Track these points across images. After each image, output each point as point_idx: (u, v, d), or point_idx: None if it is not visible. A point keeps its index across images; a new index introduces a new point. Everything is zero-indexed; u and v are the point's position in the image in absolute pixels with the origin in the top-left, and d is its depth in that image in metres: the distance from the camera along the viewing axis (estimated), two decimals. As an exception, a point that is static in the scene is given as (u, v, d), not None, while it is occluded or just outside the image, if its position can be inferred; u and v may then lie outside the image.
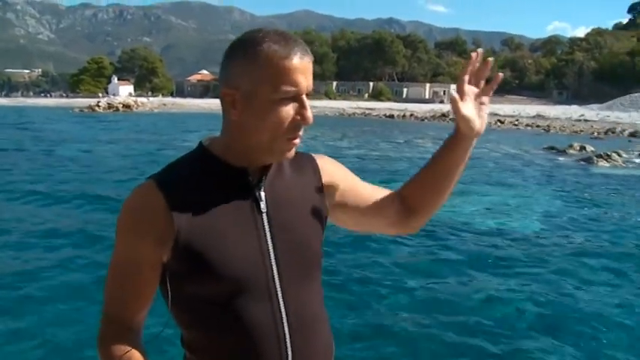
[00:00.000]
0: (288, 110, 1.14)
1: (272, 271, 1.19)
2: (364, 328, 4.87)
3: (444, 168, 1.38)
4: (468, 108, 1.28)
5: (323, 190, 1.33)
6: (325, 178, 1.34)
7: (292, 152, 1.20)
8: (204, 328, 1.20)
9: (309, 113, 1.16)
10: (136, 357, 1.19)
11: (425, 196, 1.42)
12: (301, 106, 1.15)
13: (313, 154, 1.39)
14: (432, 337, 4.75)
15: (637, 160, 20.29)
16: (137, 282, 1.20)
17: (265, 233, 1.20)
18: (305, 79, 1.14)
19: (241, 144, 1.19)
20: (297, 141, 1.18)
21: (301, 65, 1.13)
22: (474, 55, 1.26)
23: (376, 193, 1.43)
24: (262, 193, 1.22)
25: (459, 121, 1.29)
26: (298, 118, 1.15)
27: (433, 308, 5.35)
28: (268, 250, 1.20)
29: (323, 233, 1.33)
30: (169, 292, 1.20)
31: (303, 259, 1.24)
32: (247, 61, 1.13)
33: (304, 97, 1.15)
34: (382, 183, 1.44)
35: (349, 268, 6.52)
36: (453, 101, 1.26)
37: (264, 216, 1.21)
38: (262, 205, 1.21)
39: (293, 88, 1.12)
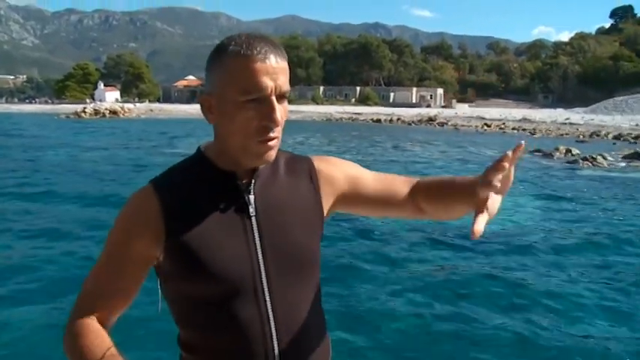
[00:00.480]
0: (254, 112, 1.14)
1: (260, 274, 1.21)
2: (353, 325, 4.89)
3: (450, 200, 1.34)
4: (491, 195, 1.16)
5: (320, 193, 1.34)
6: (323, 181, 1.35)
7: (271, 154, 1.19)
8: (197, 327, 1.23)
9: (277, 114, 1.15)
10: (108, 345, 1.17)
11: (431, 208, 1.40)
12: (268, 108, 1.14)
13: (312, 156, 1.39)
14: (417, 333, 4.78)
15: (621, 164, 20.51)
16: (123, 279, 1.23)
17: (254, 237, 1.22)
18: (270, 80, 1.13)
19: (225, 147, 1.22)
20: (271, 143, 1.17)
21: (264, 66, 1.12)
22: (521, 145, 1.16)
23: (384, 186, 1.40)
24: (251, 197, 1.24)
25: (481, 192, 1.16)
26: (264, 120, 1.15)
27: (418, 307, 5.38)
28: (257, 253, 1.22)
29: (320, 237, 1.33)
30: (165, 292, 1.26)
31: (293, 262, 1.25)
32: (216, 66, 1.17)
33: (272, 98, 1.14)
34: None
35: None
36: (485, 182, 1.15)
37: (253, 220, 1.23)
38: (251, 209, 1.23)
39: (256, 90, 1.13)
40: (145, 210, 1.21)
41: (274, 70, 1.14)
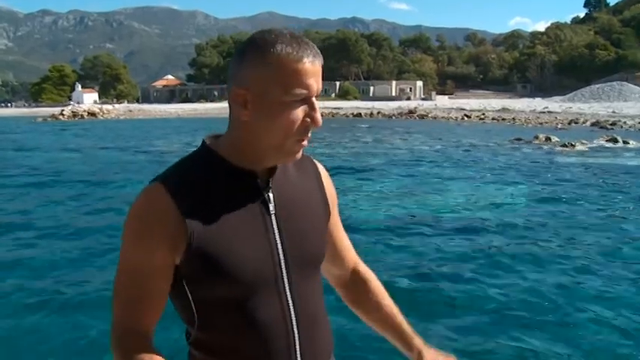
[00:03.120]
0: (299, 112, 1.15)
1: (281, 271, 1.22)
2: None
3: (376, 323, 1.51)
4: None
5: (325, 192, 1.36)
6: (326, 189, 1.38)
7: (300, 153, 1.22)
8: (218, 328, 1.21)
9: (319, 116, 1.17)
10: None
11: (352, 300, 1.53)
12: (311, 109, 1.16)
13: (314, 160, 1.40)
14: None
15: (598, 149, 20.81)
16: (149, 289, 1.18)
17: (275, 234, 1.22)
18: (316, 82, 1.15)
19: (251, 145, 1.19)
20: (305, 142, 1.19)
21: (313, 68, 1.14)
22: None
23: (345, 243, 1.49)
24: (271, 195, 1.23)
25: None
26: (308, 120, 1.16)
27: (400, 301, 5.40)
28: (277, 250, 1.22)
29: (327, 231, 1.36)
30: (179, 294, 1.21)
31: (308, 258, 1.27)
32: (259, 62, 1.13)
33: (314, 99, 1.16)
34: (355, 180, 1.49)
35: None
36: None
37: (273, 217, 1.22)
38: (271, 206, 1.22)
39: (304, 91, 1.13)
40: (160, 211, 1.15)
41: (318, 72, 1.16)
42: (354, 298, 1.51)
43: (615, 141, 22.78)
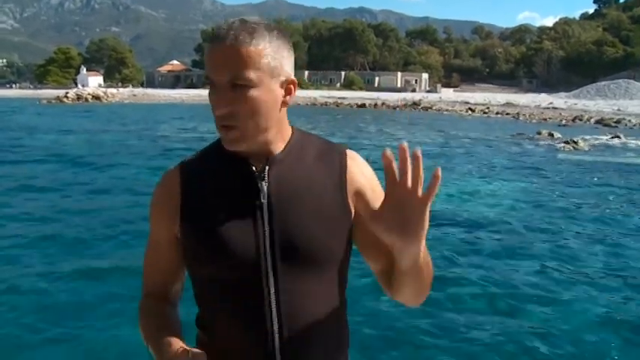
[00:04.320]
0: (210, 97, 1.17)
1: (265, 262, 1.20)
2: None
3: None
4: (387, 217, 1.04)
5: (346, 190, 1.26)
6: (350, 184, 1.27)
7: (231, 141, 1.18)
8: (208, 307, 1.27)
9: (219, 104, 1.14)
10: (166, 326, 1.25)
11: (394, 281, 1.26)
12: (214, 96, 1.15)
13: (348, 150, 1.31)
14: (402, 327, 4.85)
15: (601, 147, 20.78)
16: (160, 258, 1.31)
17: (264, 225, 1.20)
18: (220, 68, 1.13)
19: None
20: (228, 132, 1.16)
21: (215, 55, 1.13)
22: (403, 147, 1.01)
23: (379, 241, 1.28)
24: (264, 184, 1.21)
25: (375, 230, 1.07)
26: (213, 108, 1.16)
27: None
28: (264, 241, 1.20)
29: (342, 233, 1.25)
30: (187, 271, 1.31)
31: (300, 253, 1.20)
32: None
33: (220, 87, 1.13)
34: None
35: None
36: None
37: (264, 207, 1.21)
38: (262, 196, 1.21)
39: (210, 78, 1.15)
40: (166, 191, 1.27)
41: (226, 58, 1.12)
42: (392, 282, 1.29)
43: (618, 139, 22.75)
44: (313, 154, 1.27)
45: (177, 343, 1.16)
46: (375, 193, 1.27)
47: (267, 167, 1.22)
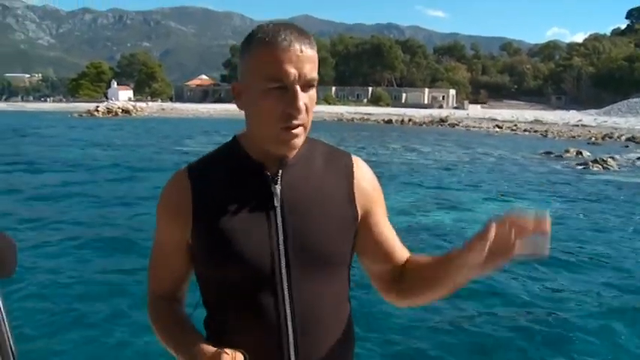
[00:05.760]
0: (277, 100, 1.16)
1: (280, 265, 1.22)
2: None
3: (439, 274, 1.24)
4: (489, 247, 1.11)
5: (354, 193, 1.31)
6: (357, 190, 1.32)
7: (295, 142, 1.20)
8: (220, 311, 1.28)
9: (299, 102, 1.16)
10: (188, 328, 1.28)
11: (416, 283, 1.32)
12: (291, 96, 1.16)
13: (354, 157, 1.37)
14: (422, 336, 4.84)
15: (632, 166, 20.39)
16: (171, 261, 1.32)
17: (277, 228, 1.23)
18: (294, 68, 1.15)
19: (253, 136, 1.25)
20: (295, 130, 1.18)
21: (287, 54, 1.15)
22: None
23: (392, 241, 1.37)
24: (278, 188, 1.24)
25: (472, 247, 1.13)
26: (288, 107, 1.16)
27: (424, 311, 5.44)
28: (278, 244, 1.22)
29: (350, 236, 1.30)
30: (196, 275, 1.32)
31: (315, 256, 1.24)
32: (244, 55, 1.21)
33: (296, 86, 1.16)
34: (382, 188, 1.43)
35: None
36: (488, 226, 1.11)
37: (278, 211, 1.23)
38: (275, 200, 1.23)
39: (280, 78, 1.15)
40: (177, 193, 1.27)
41: (298, 58, 1.15)
42: (411, 283, 1.33)
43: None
44: (321, 159, 1.31)
45: (208, 345, 1.18)
46: (379, 197, 1.36)
47: (280, 171, 1.24)
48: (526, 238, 1.11)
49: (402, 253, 1.38)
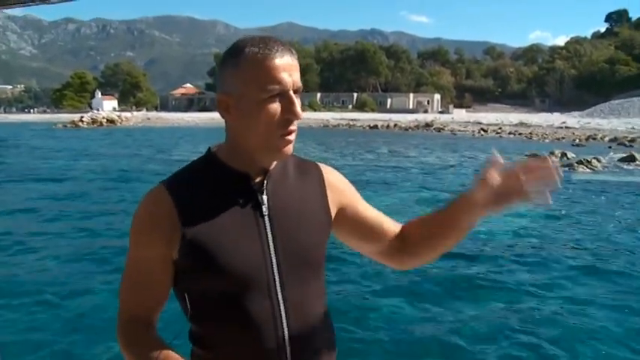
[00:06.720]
0: (277, 107, 1.19)
1: (272, 272, 1.25)
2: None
3: (447, 223, 1.40)
4: (497, 180, 1.30)
5: (327, 197, 1.38)
6: (329, 188, 1.39)
7: (290, 148, 1.25)
8: (211, 322, 1.27)
9: (297, 108, 1.21)
10: (160, 346, 1.21)
11: (423, 242, 1.45)
12: (289, 102, 1.20)
13: (320, 164, 1.44)
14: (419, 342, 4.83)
15: (615, 167, 20.61)
16: (149, 280, 1.27)
17: (267, 236, 1.26)
18: (289, 76, 1.20)
19: (241, 147, 1.26)
20: (291, 137, 1.23)
21: (282, 63, 1.19)
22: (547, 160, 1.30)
23: (378, 220, 1.47)
24: (264, 197, 1.28)
25: (480, 186, 1.31)
26: (287, 114, 1.20)
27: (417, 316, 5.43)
28: (269, 251, 1.26)
29: (327, 239, 1.37)
30: (179, 289, 1.29)
31: (303, 261, 1.29)
32: (234, 67, 1.22)
33: (291, 93, 1.21)
34: (369, 192, 1.49)
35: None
36: (489, 163, 1.30)
37: (266, 219, 1.27)
38: (264, 208, 1.27)
39: (277, 86, 1.18)
40: (158, 210, 1.24)
41: (290, 66, 1.21)
42: (418, 243, 1.45)
43: (633, 159, 22.53)
44: (292, 168, 1.36)
45: None
46: (351, 190, 1.45)
47: (265, 181, 1.28)
48: (533, 185, 1.25)
49: (394, 225, 1.48)
